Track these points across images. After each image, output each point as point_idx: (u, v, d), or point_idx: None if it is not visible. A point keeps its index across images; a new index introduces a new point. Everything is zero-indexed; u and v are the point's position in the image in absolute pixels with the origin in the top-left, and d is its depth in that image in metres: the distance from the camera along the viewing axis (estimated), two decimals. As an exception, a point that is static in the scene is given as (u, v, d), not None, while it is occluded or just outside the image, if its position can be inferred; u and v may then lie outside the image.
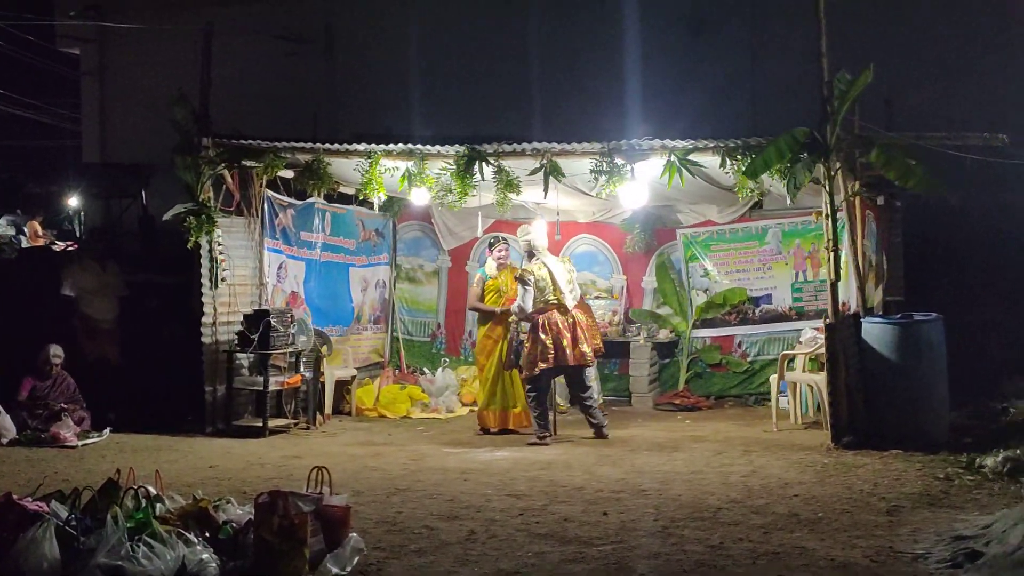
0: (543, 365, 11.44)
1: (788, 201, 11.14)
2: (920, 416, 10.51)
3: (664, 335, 14.74)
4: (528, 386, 11.68)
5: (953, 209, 13.20)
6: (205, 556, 6.00)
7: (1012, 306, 14.19)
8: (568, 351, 11.47)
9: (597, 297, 14.92)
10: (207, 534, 6.33)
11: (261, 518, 6.16)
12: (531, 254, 11.87)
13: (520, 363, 11.70)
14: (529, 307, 11.51)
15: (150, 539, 5.90)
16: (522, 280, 11.64)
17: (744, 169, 10.97)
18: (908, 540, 6.90)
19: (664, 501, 8.31)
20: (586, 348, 11.64)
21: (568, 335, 11.51)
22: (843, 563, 6.38)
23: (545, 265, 11.74)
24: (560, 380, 12.05)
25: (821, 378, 11.13)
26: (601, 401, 13.72)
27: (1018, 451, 9.26)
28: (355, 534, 6.60)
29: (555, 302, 11.58)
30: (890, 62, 15.57)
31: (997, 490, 8.43)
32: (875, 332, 10.70)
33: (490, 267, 12.53)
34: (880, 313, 11.79)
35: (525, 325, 11.66)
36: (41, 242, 17.89)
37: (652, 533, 7.29)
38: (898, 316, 11.18)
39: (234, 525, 6.48)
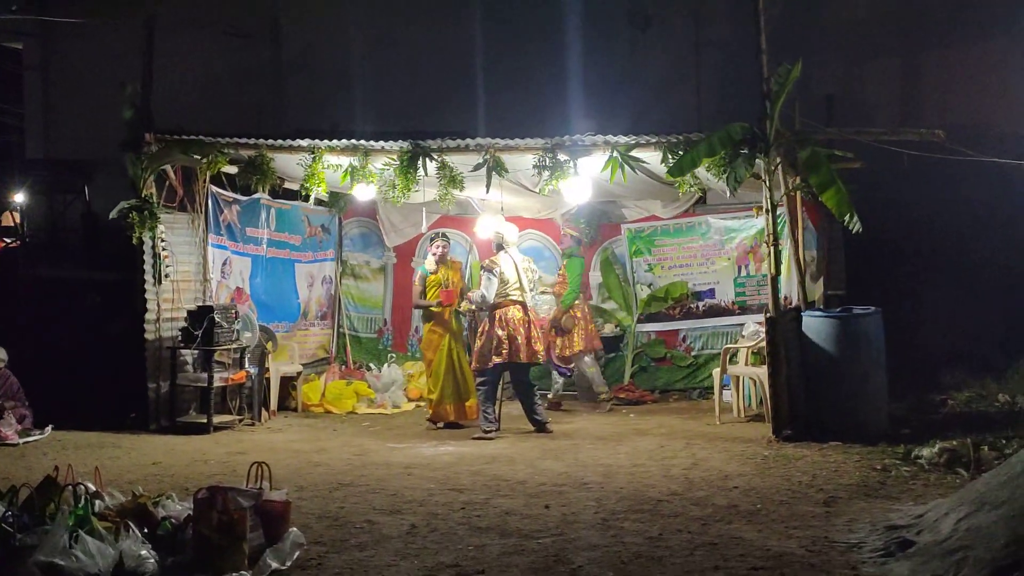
0: (497, 359, 11.54)
1: (728, 195, 11.27)
2: (859, 408, 10.63)
3: (609, 329, 14.82)
4: (480, 379, 11.75)
5: (894, 203, 13.40)
6: (144, 552, 5.97)
7: (951, 299, 14.37)
8: (522, 348, 11.57)
9: (543, 292, 14.94)
10: (146, 530, 6.31)
11: (200, 514, 6.15)
12: (500, 246, 11.96)
13: (473, 354, 11.82)
14: (491, 297, 11.61)
15: (88, 536, 5.87)
16: (488, 269, 11.73)
17: (670, 167, 11.09)
18: (843, 530, 7.00)
19: (606, 494, 8.36)
20: (539, 347, 11.80)
21: (523, 331, 11.61)
22: (779, 553, 6.46)
23: (512, 259, 11.84)
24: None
25: (763, 371, 11.24)
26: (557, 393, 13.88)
27: (955, 442, 9.38)
28: (295, 529, 6.61)
29: (515, 298, 11.68)
30: (833, 58, 15.81)
31: (933, 480, 8.56)
32: (815, 326, 10.82)
33: (429, 263, 12.60)
34: (821, 307, 11.91)
35: (482, 314, 11.79)
36: None
37: (592, 525, 7.34)
38: (838, 310, 11.30)
39: (173, 521, 6.47)
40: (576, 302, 13.53)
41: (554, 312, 13.53)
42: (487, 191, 11.84)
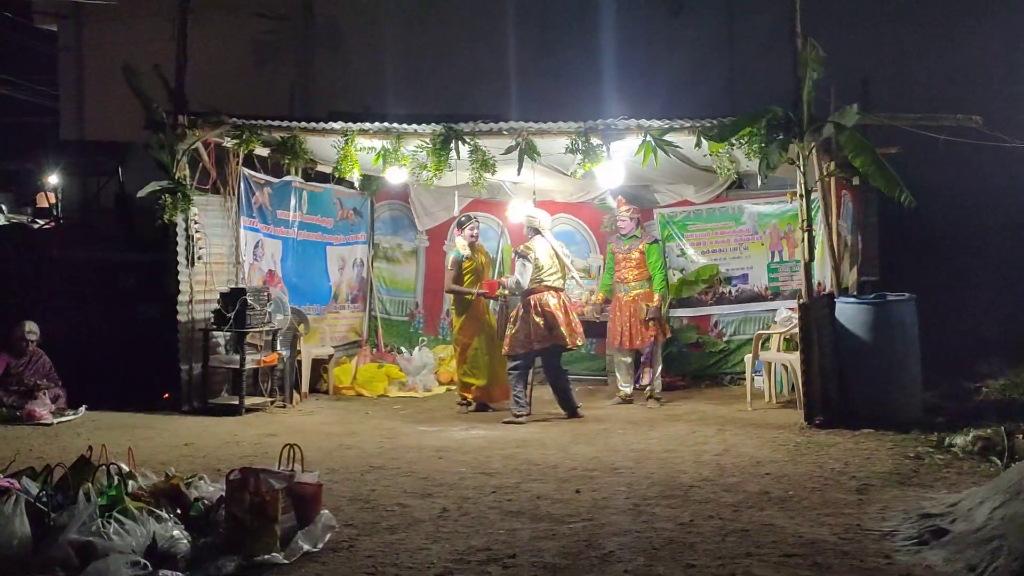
0: (538, 346, 11.54)
1: (759, 182, 11.24)
2: (892, 395, 10.58)
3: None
4: (513, 363, 11.74)
5: (929, 188, 13.27)
6: (176, 533, 5.99)
7: (986, 287, 14.27)
8: (562, 331, 11.55)
9: (573, 277, 14.90)
10: (179, 511, 6.33)
11: (232, 495, 6.17)
12: (534, 231, 11.94)
13: (505, 339, 11.79)
14: (526, 283, 11.60)
15: (121, 516, 5.89)
16: (523, 255, 11.70)
17: (712, 135, 11.00)
18: (876, 518, 6.96)
19: (637, 479, 8.35)
20: (579, 329, 11.78)
21: (561, 316, 11.59)
22: (811, 540, 6.43)
23: (550, 244, 11.83)
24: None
25: (795, 358, 11.19)
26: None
27: (989, 430, 9.33)
28: (327, 511, 6.62)
29: (549, 284, 11.67)
30: (870, 43, 15.68)
31: (966, 469, 8.50)
32: (848, 312, 10.76)
33: (462, 247, 12.55)
34: (855, 293, 11.84)
35: (514, 299, 11.77)
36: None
37: (623, 511, 7.32)
38: (871, 296, 11.23)
39: (206, 502, 6.49)
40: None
41: (656, 300, 12.68)
42: (518, 173, 11.82)
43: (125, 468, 6.72)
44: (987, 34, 15.87)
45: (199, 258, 12.39)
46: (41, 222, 19.47)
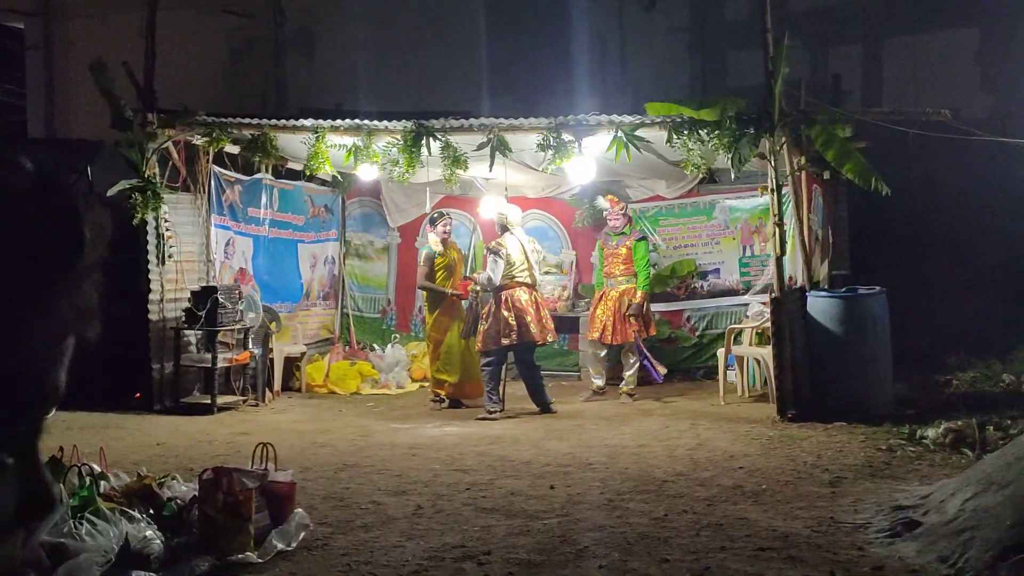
0: (506, 341, 11.53)
1: (732, 176, 11.26)
2: (864, 388, 10.64)
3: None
4: (486, 359, 11.73)
5: (899, 183, 13.36)
6: (149, 533, 5.97)
7: (957, 280, 14.33)
8: (532, 328, 11.54)
9: (547, 272, 14.89)
10: (151, 511, 6.30)
11: (205, 495, 6.15)
12: (504, 228, 11.92)
13: (478, 336, 11.78)
14: (498, 279, 11.57)
15: (93, 516, 5.86)
16: (494, 251, 11.68)
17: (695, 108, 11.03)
18: (849, 510, 7.00)
19: (610, 474, 8.36)
20: (550, 325, 11.77)
21: (532, 312, 11.59)
22: (784, 533, 6.46)
23: (519, 241, 11.82)
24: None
25: (767, 352, 11.22)
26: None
27: (960, 422, 9.39)
28: (301, 510, 6.61)
29: (521, 280, 11.66)
30: (841, 38, 15.75)
31: (938, 461, 8.56)
32: (820, 306, 10.80)
33: (434, 243, 12.52)
34: (826, 287, 11.89)
35: (487, 296, 11.76)
36: None
37: (598, 506, 7.34)
38: (843, 290, 11.28)
39: (179, 502, 6.46)
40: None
41: (639, 297, 12.55)
42: (490, 170, 11.81)
43: (97, 468, 6.68)
44: (960, 28, 15.98)
45: (170, 256, 12.32)
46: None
